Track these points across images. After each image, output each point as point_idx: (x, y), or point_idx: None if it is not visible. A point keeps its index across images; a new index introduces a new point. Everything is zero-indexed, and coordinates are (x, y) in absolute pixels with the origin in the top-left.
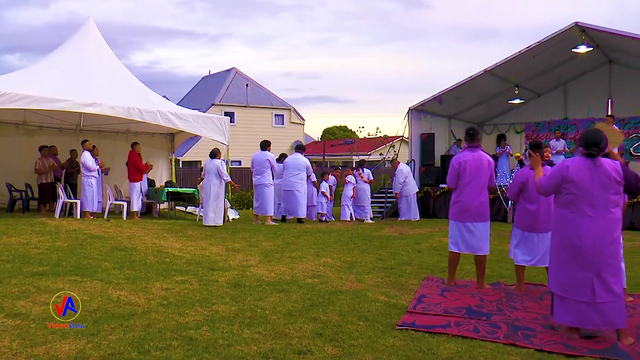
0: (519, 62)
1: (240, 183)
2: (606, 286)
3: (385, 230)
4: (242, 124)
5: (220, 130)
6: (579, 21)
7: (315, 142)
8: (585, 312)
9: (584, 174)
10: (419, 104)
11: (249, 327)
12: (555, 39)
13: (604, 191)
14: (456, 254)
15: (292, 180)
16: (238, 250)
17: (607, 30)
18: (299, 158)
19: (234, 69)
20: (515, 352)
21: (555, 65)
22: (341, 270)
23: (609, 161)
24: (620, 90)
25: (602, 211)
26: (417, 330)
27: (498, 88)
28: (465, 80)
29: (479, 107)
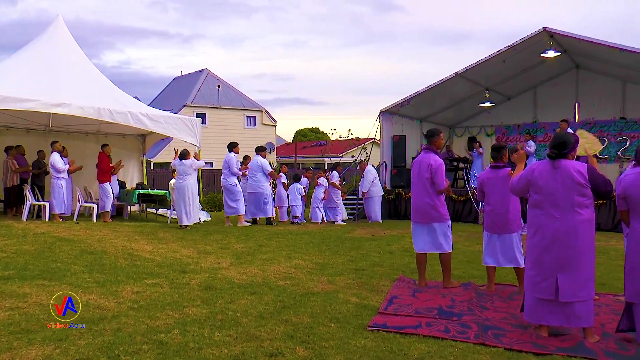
0: (489, 65)
1: (212, 185)
2: (573, 285)
3: (357, 231)
4: (213, 126)
5: (192, 132)
6: (547, 26)
7: (287, 143)
8: (552, 310)
9: (547, 176)
10: (390, 106)
11: (220, 330)
12: (524, 44)
13: (568, 192)
14: (421, 254)
15: (251, 182)
16: (209, 253)
17: (574, 36)
18: (257, 159)
19: (205, 69)
20: (486, 352)
21: (524, 69)
22: (313, 272)
23: (573, 163)
24: (586, 94)
25: (568, 212)
26: (389, 331)
27: (469, 91)
28: (437, 83)
29: (450, 110)
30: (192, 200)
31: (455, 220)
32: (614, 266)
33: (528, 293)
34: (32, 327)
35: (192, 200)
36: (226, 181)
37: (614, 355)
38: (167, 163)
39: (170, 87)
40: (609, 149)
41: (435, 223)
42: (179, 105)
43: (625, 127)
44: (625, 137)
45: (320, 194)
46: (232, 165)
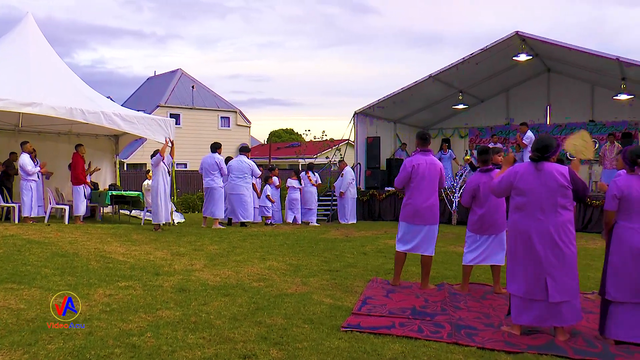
0: (462, 68)
1: (186, 186)
2: (559, 286)
3: (331, 233)
4: (187, 126)
5: (166, 132)
6: (519, 30)
7: (262, 145)
8: (541, 310)
9: (531, 179)
10: (364, 107)
11: (193, 332)
12: (497, 47)
13: (551, 195)
14: (402, 253)
15: (237, 183)
16: (183, 255)
17: (545, 40)
18: (244, 161)
19: (179, 70)
20: (458, 351)
21: (497, 72)
22: (287, 273)
23: (555, 165)
24: (557, 97)
25: (551, 214)
26: (362, 331)
27: (443, 93)
28: (411, 85)
29: (424, 112)
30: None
31: None
32: (583, 265)
33: (517, 295)
34: (0, 332)
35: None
36: (214, 182)
37: (582, 352)
38: (141, 164)
39: (144, 87)
40: None
41: (432, 225)
42: (152, 105)
43: (595, 130)
44: (595, 140)
45: (293, 195)
46: (224, 167)
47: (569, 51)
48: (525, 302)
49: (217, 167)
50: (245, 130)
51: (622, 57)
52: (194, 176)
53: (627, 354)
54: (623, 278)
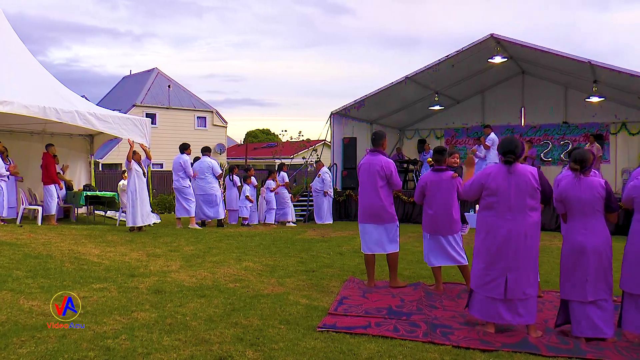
0: (438, 70)
1: (162, 186)
2: (520, 285)
3: (307, 233)
4: (164, 126)
5: (142, 132)
6: (494, 33)
7: (238, 145)
8: (498, 308)
9: (502, 180)
10: (341, 108)
11: (169, 334)
12: (472, 49)
13: (521, 196)
14: (369, 255)
15: (200, 183)
16: (159, 256)
17: (519, 43)
18: (205, 160)
19: (155, 69)
20: (434, 350)
21: (472, 73)
22: (263, 274)
23: (526, 167)
24: (532, 99)
25: (520, 215)
26: (338, 331)
27: (419, 94)
28: (387, 86)
29: (401, 113)
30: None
31: (405, 221)
32: (556, 264)
33: (478, 292)
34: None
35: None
36: (180, 183)
37: (555, 349)
38: (117, 164)
39: (119, 86)
40: (553, 152)
41: (386, 224)
42: (128, 105)
43: (568, 131)
44: (568, 141)
45: (269, 196)
46: (188, 167)
47: (542, 54)
48: (485, 298)
49: (182, 168)
50: (221, 131)
51: (593, 60)
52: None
53: (597, 350)
54: (572, 278)
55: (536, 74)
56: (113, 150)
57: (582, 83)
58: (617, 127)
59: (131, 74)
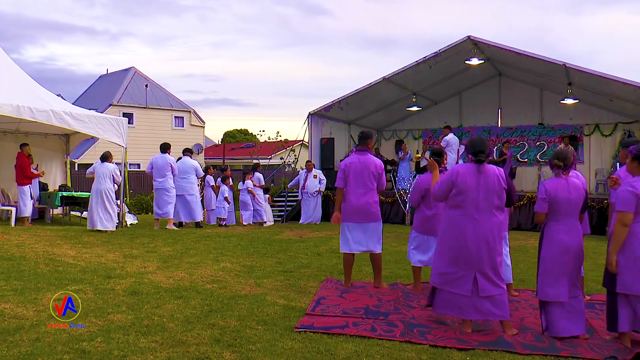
0: (416, 71)
1: (139, 187)
2: (489, 281)
3: (285, 233)
4: (141, 126)
5: (118, 132)
6: (471, 35)
7: (216, 145)
8: (465, 304)
9: (471, 179)
10: (319, 108)
11: (145, 336)
12: (450, 51)
13: (489, 195)
14: (349, 254)
15: (181, 184)
16: (136, 257)
17: (496, 45)
18: (187, 161)
19: (132, 68)
20: (411, 349)
21: (450, 75)
22: (240, 274)
23: (494, 167)
24: (508, 101)
25: (486, 214)
26: (316, 331)
27: (396, 95)
28: (365, 86)
29: (379, 113)
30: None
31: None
32: (532, 264)
33: (443, 289)
34: None
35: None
36: (167, 183)
37: (531, 347)
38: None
39: (95, 85)
40: (529, 153)
41: (373, 223)
42: (105, 104)
43: (543, 133)
44: (543, 142)
45: (246, 196)
46: (174, 168)
47: (518, 56)
48: (447, 294)
49: (170, 168)
50: (199, 130)
51: (568, 63)
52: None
53: (571, 348)
54: (555, 276)
55: (513, 76)
56: (89, 150)
57: (557, 85)
58: (591, 129)
59: (108, 73)
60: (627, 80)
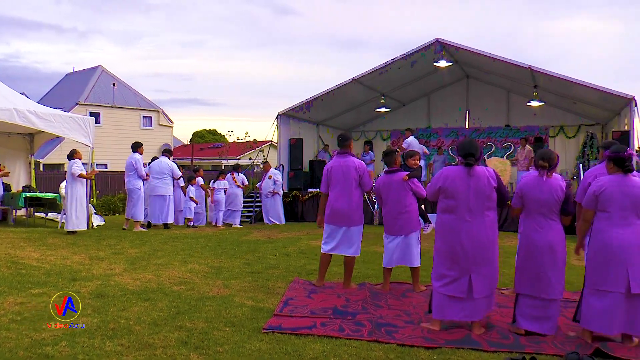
0: (385, 72)
1: (106, 188)
2: (483, 283)
3: (253, 234)
4: (108, 125)
5: (85, 132)
6: (440, 37)
7: (184, 145)
8: (463, 307)
9: (461, 182)
10: (288, 109)
11: (111, 339)
12: (418, 53)
13: (480, 197)
14: (328, 255)
15: (156, 184)
16: (102, 259)
17: (464, 48)
18: (164, 161)
19: (99, 67)
20: (379, 348)
21: (418, 77)
22: (208, 276)
23: (483, 168)
24: (476, 103)
25: (478, 216)
26: (284, 332)
27: (365, 96)
28: (334, 87)
29: (347, 114)
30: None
31: None
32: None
33: (438, 293)
34: None
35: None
36: (132, 184)
37: (496, 344)
38: (59, 164)
39: (61, 83)
40: (496, 154)
41: (355, 226)
42: (71, 103)
43: (510, 134)
44: (510, 143)
45: (217, 197)
46: (140, 167)
47: (486, 59)
48: (448, 298)
49: (133, 168)
50: (167, 130)
51: (533, 66)
52: (115, 177)
53: (535, 344)
54: (524, 273)
55: (480, 78)
56: (55, 149)
57: (524, 88)
58: (556, 131)
59: (74, 71)
60: (589, 84)
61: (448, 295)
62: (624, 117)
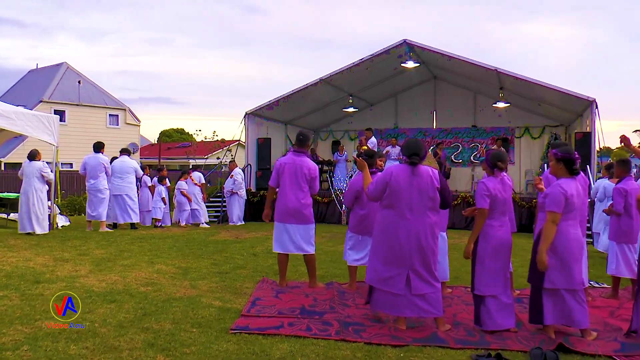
0: (352, 73)
1: (72, 187)
2: (422, 280)
3: (221, 234)
4: (74, 124)
5: (49, 130)
6: (407, 39)
7: (152, 144)
8: (399, 302)
9: (405, 180)
10: (255, 108)
11: (76, 342)
12: (386, 54)
13: (422, 196)
14: (282, 254)
15: (120, 184)
16: (67, 260)
17: (431, 49)
18: (126, 161)
19: (64, 63)
20: (346, 347)
21: (386, 78)
22: (175, 276)
23: (427, 168)
24: (443, 104)
25: (419, 215)
26: (251, 333)
27: (333, 96)
28: (302, 87)
29: (315, 114)
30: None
31: (319, 221)
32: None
33: (378, 287)
34: None
35: (39, 206)
36: (102, 184)
37: (462, 341)
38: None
39: (24, 80)
40: (463, 154)
41: (304, 225)
42: (34, 100)
43: (477, 135)
44: (477, 144)
45: (181, 197)
46: (108, 168)
47: (453, 60)
48: (383, 293)
49: (103, 168)
50: (134, 129)
51: (500, 68)
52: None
53: (500, 340)
54: (488, 272)
55: (447, 80)
56: (18, 148)
57: (490, 89)
58: (521, 132)
59: (38, 68)
60: (553, 86)
61: (385, 291)
62: (585, 118)
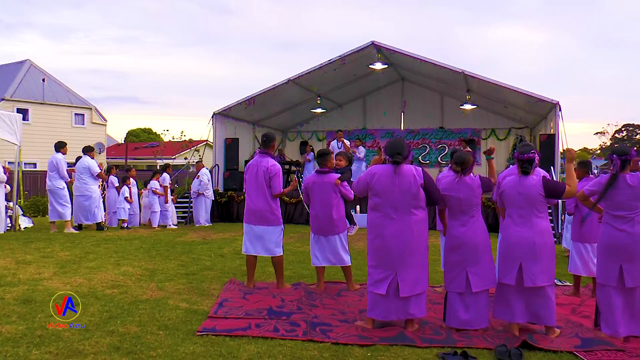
0: (321, 73)
1: (36, 188)
2: (409, 282)
3: (189, 235)
4: (37, 123)
5: (11, 129)
6: (375, 40)
7: (119, 144)
8: (391, 305)
9: (387, 180)
10: (223, 108)
11: (38, 347)
12: (354, 55)
13: (405, 195)
14: (250, 256)
15: (77, 185)
16: (30, 262)
17: (399, 51)
18: (82, 161)
19: (27, 60)
20: (314, 347)
21: (354, 79)
22: (142, 278)
23: (410, 167)
24: (411, 105)
25: (404, 214)
26: (218, 334)
27: (301, 97)
28: (270, 87)
29: (284, 114)
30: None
31: (287, 222)
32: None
33: (370, 290)
34: None
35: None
36: (53, 184)
37: (429, 340)
38: None
39: None
40: (430, 155)
41: (270, 226)
42: None
43: (444, 136)
44: (444, 145)
45: (146, 198)
46: (61, 167)
47: (420, 62)
48: (378, 297)
49: (55, 168)
50: (101, 129)
51: (466, 70)
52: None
53: (467, 339)
54: (449, 270)
55: (415, 81)
56: None
57: (457, 91)
58: (488, 133)
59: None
60: (518, 89)
61: (376, 293)
62: (550, 120)
